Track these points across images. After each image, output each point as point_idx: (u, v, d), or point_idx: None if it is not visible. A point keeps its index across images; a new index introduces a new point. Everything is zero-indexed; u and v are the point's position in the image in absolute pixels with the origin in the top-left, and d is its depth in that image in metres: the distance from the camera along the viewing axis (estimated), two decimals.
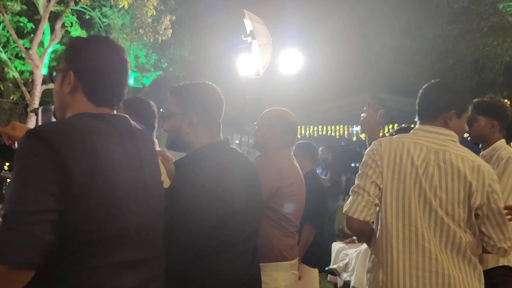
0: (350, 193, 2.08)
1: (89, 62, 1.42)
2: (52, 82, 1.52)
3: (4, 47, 11.68)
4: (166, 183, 1.81)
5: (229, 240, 1.75)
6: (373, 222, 2.11)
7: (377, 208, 2.04)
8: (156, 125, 2.56)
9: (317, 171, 4.99)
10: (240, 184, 1.80)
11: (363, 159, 2.11)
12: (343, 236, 6.98)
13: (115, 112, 1.49)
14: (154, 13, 10.49)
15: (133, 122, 1.51)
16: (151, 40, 11.50)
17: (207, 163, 1.77)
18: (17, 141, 1.69)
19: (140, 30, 10.95)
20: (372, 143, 2.11)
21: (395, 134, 2.35)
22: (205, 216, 1.66)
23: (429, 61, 14.99)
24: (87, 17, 12.25)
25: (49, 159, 1.20)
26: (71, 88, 1.43)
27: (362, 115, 2.61)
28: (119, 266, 1.30)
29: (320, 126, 14.27)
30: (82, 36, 9.79)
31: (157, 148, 2.40)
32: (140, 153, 1.45)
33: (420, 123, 2.11)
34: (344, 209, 2.06)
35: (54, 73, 1.51)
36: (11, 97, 12.69)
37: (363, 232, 2.13)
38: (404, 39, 15.69)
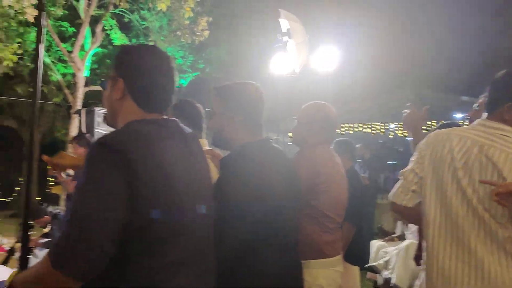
0: None
1: (138, 69, 1.46)
2: (103, 88, 1.56)
3: (47, 51, 12.08)
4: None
5: (267, 238, 1.76)
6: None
7: (417, 195, 2.05)
8: (204, 126, 2.61)
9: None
10: (280, 182, 1.82)
11: None
12: (382, 234, 6.92)
13: (164, 117, 1.53)
14: (192, 15, 10.64)
15: (182, 125, 1.55)
16: (189, 42, 11.66)
17: (247, 162, 1.80)
18: (63, 171, 1.73)
19: (178, 32, 11.13)
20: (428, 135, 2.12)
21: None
22: (246, 215, 1.68)
23: (471, 57, 14.59)
24: (126, 20, 12.54)
25: (117, 165, 1.24)
26: (121, 95, 1.47)
27: (404, 111, 2.57)
28: (175, 265, 1.34)
29: (355, 124, 14.10)
30: (122, 39, 10.01)
31: (207, 147, 2.45)
32: (193, 155, 1.49)
33: (486, 117, 2.08)
34: None
35: (104, 80, 1.55)
36: (55, 100, 13.14)
37: (402, 216, 2.20)
38: (445, 34, 15.33)
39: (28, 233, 2.00)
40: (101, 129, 8.19)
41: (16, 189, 17.13)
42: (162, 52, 1.53)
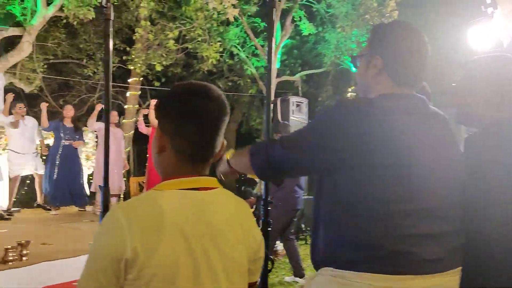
0: None
1: (394, 46, 1.50)
2: (354, 66, 1.65)
3: (242, 46, 13.12)
4: None
5: None
6: None
7: None
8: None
9: None
10: None
11: None
12: None
13: (414, 92, 1.54)
14: None
15: (429, 105, 1.55)
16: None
17: (507, 142, 1.64)
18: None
19: (366, 16, 10.98)
20: None
21: None
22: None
23: None
24: (314, 9, 12.83)
25: (334, 126, 1.41)
26: (378, 71, 1.53)
27: None
28: (421, 236, 1.36)
29: None
30: (310, 29, 10.19)
31: None
32: (434, 134, 1.47)
33: None
34: None
35: (353, 58, 1.65)
36: (249, 91, 14.19)
37: None
38: None
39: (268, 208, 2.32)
40: (296, 117, 8.61)
41: None
42: (415, 28, 1.54)
